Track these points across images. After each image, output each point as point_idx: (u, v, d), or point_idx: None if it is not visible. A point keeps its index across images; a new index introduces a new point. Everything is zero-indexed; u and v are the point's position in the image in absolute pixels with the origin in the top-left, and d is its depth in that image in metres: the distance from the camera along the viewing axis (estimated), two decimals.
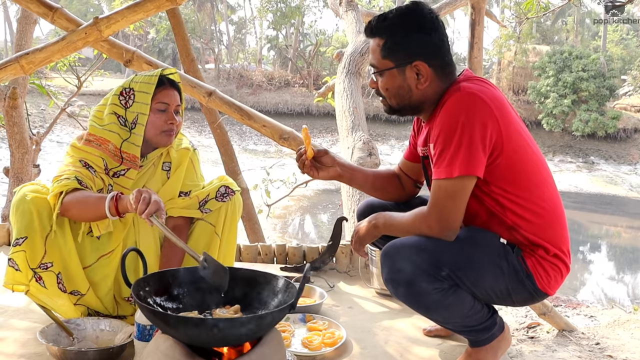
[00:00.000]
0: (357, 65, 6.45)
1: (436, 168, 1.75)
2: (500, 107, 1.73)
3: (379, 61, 1.86)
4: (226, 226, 2.23)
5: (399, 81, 1.84)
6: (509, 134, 1.73)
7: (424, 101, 1.86)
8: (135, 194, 1.75)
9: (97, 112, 2.14)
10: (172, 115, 2.13)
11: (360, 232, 2.02)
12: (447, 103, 1.73)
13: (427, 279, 1.74)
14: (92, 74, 5.94)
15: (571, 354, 2.97)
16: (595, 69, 22.99)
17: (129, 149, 2.10)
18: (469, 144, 1.68)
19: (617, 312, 5.78)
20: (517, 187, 1.77)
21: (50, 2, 2.86)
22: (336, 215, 14.05)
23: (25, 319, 2.24)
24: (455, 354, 2.13)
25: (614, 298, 8.58)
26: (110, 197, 1.83)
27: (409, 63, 1.81)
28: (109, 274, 2.15)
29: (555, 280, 1.85)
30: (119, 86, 2.13)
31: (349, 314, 2.52)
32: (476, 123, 1.68)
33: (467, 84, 1.76)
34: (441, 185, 1.74)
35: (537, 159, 1.83)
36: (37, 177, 5.38)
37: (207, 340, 1.40)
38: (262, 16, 33.31)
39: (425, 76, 1.81)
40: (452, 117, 1.70)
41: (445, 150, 1.71)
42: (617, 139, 23.51)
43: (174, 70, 2.22)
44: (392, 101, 1.90)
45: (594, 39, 38.05)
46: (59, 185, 1.94)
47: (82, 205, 1.92)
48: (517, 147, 1.75)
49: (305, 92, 27.92)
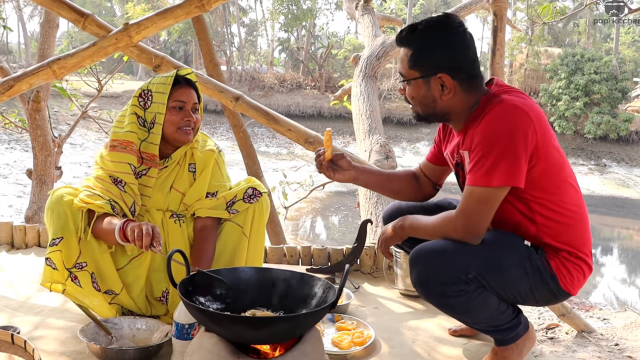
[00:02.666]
0: (374, 69, 6.50)
1: (471, 174, 1.80)
2: (538, 118, 1.77)
3: (406, 70, 1.91)
4: (254, 227, 2.28)
5: (424, 91, 1.90)
6: (545, 143, 1.78)
7: (449, 111, 1.92)
8: (129, 232, 1.91)
9: (120, 118, 2.22)
10: (189, 112, 2.18)
11: (386, 234, 2.08)
12: (490, 114, 1.78)
13: (455, 282, 1.80)
14: (112, 77, 6.02)
15: (591, 354, 3.00)
16: (608, 72, 22.86)
17: (147, 148, 2.17)
18: (514, 156, 1.73)
19: (630, 314, 5.78)
20: (547, 192, 1.82)
21: (81, 9, 2.93)
22: (348, 217, 14.09)
23: (62, 318, 2.31)
24: (481, 353, 2.18)
25: (627, 301, 8.56)
26: (118, 228, 1.96)
27: (433, 74, 1.86)
28: (140, 275, 2.21)
29: (578, 281, 1.90)
30: (139, 89, 2.20)
31: (375, 314, 2.57)
32: (520, 135, 1.73)
33: (509, 97, 1.80)
34: (475, 191, 1.79)
35: (564, 164, 1.87)
36: (60, 179, 5.49)
37: (253, 337, 1.46)
38: (274, 18, 33.39)
39: (449, 88, 1.86)
40: (495, 128, 1.75)
41: (484, 158, 1.75)
42: (629, 142, 23.37)
43: (190, 70, 2.29)
44: (418, 109, 1.96)
45: (605, 42, 37.88)
46: (94, 205, 2.06)
47: (105, 234, 2.06)
48: (549, 155, 1.80)
49: (317, 95, 27.97)
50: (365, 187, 2.31)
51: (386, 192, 2.31)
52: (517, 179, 1.75)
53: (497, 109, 1.77)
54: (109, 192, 2.10)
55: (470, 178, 1.81)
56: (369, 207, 5.50)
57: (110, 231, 2.00)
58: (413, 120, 2.18)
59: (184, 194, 2.24)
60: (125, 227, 1.95)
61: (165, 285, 2.24)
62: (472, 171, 1.80)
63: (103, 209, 2.06)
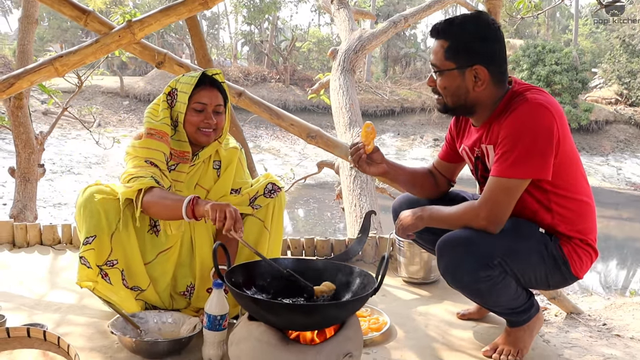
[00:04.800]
0: (352, 63, 6.57)
1: (497, 166, 1.90)
2: (560, 115, 1.89)
3: (441, 62, 1.98)
4: (274, 221, 2.34)
5: (458, 82, 1.98)
6: (565, 138, 1.90)
7: (477, 103, 2.00)
8: (211, 210, 1.82)
9: (152, 110, 2.22)
10: (209, 114, 2.19)
11: (404, 223, 2.17)
12: (517, 110, 1.88)
13: (482, 269, 1.90)
14: (92, 74, 5.96)
15: (582, 334, 3.16)
16: (568, 63, 23.46)
17: (174, 145, 2.20)
18: (540, 150, 1.84)
19: (595, 298, 6.03)
20: (565, 183, 1.95)
21: (83, 6, 2.92)
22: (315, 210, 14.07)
23: (82, 315, 2.33)
24: (490, 334, 2.30)
25: (589, 286, 8.86)
26: (188, 201, 1.89)
27: (469, 66, 1.94)
28: (167, 270, 2.25)
29: (587, 266, 2.04)
30: (168, 86, 2.23)
31: (384, 301, 2.66)
32: (545, 131, 1.84)
33: (533, 95, 1.91)
34: (500, 182, 1.89)
35: (577, 156, 2.00)
36: (42, 177, 5.41)
37: (303, 323, 1.53)
38: (237, 11, 33.13)
39: (482, 80, 1.95)
40: (522, 123, 1.85)
41: (510, 151, 1.86)
42: (589, 131, 24.04)
43: (218, 70, 2.28)
44: (448, 99, 2.03)
45: (564, 33, 38.79)
46: (138, 183, 2.02)
47: (160, 205, 1.99)
48: (567, 149, 1.92)
49: (282, 88, 27.92)
50: (393, 181, 2.37)
51: (410, 187, 2.37)
52: (543, 171, 1.86)
53: (524, 106, 1.87)
54: (151, 171, 2.09)
55: (495, 169, 1.91)
56: (353, 198, 5.59)
57: (170, 203, 1.95)
58: (436, 110, 2.24)
59: (208, 191, 2.28)
60: (195, 203, 1.90)
61: (190, 280, 2.29)
62: (497, 162, 1.90)
63: (147, 184, 2.02)
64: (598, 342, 2.96)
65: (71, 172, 15.85)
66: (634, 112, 24.94)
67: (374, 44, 6.73)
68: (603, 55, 29.05)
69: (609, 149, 23.51)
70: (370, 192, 5.59)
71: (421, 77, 29.50)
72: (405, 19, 6.69)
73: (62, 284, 2.67)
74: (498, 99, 1.99)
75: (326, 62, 30.30)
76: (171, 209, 1.95)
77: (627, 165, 21.94)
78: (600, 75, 27.39)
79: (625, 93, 25.74)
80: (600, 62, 28.13)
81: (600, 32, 37.68)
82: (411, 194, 2.42)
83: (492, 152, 1.97)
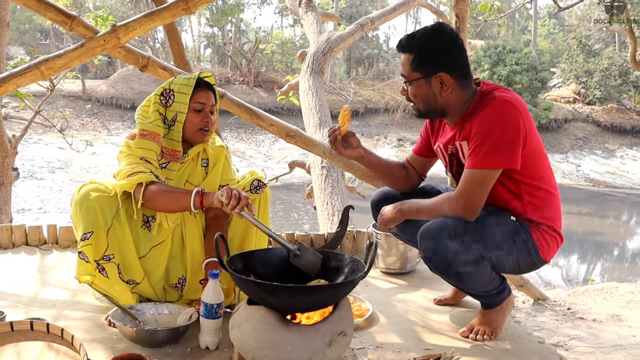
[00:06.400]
0: (320, 64, 6.71)
1: (470, 159, 2.08)
2: (524, 110, 2.08)
3: (408, 73, 2.18)
4: (260, 216, 2.45)
5: (426, 89, 2.16)
6: (531, 132, 2.09)
7: (447, 106, 2.19)
8: (226, 192, 1.98)
9: (143, 112, 2.34)
10: (207, 114, 2.34)
11: (385, 216, 2.33)
12: (486, 108, 2.06)
13: (461, 254, 2.07)
14: (63, 77, 5.97)
15: (549, 318, 3.37)
16: (528, 63, 24.09)
17: (167, 144, 2.32)
18: (508, 142, 2.02)
19: (558, 291, 6.31)
20: (534, 173, 2.14)
21: (68, 11, 3.00)
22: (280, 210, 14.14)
23: (77, 310, 2.41)
24: (465, 317, 2.48)
25: (551, 281, 9.16)
26: (196, 192, 2.05)
27: (434, 74, 2.13)
28: (160, 263, 2.37)
29: (554, 250, 2.23)
30: (160, 87, 2.34)
31: (365, 290, 2.81)
32: (513, 125, 2.02)
33: (500, 93, 2.10)
34: (474, 173, 2.07)
35: (543, 151, 2.20)
36: (16, 180, 5.41)
37: (304, 304, 1.67)
38: (200, 13, 32.95)
39: (448, 85, 2.14)
40: (491, 119, 2.04)
41: (482, 145, 2.04)
42: (549, 129, 24.67)
43: (210, 73, 2.42)
44: (420, 106, 2.22)
45: (523, 34, 39.73)
46: (138, 177, 2.13)
47: (166, 197, 2.12)
48: (533, 142, 2.11)
49: (246, 90, 27.87)
50: (368, 167, 2.52)
51: (384, 175, 2.54)
52: (513, 161, 2.05)
53: (493, 104, 2.06)
54: (149, 167, 2.21)
55: (469, 162, 2.08)
56: (325, 197, 5.75)
57: (176, 195, 2.11)
58: (414, 117, 2.44)
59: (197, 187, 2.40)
60: (203, 193, 2.05)
61: (182, 272, 2.40)
62: (470, 156, 2.08)
63: (148, 179, 2.14)
64: (564, 325, 3.17)
65: (34, 177, 15.63)
66: (592, 111, 25.74)
67: (341, 46, 6.88)
68: (561, 55, 29.87)
69: (568, 147, 24.18)
70: (341, 191, 5.75)
71: (384, 78, 29.85)
72: (371, 22, 6.88)
73: (53, 281, 2.74)
74: (468, 99, 2.17)
75: (290, 64, 30.42)
76: (177, 201, 2.09)
77: (586, 162, 22.66)
78: (558, 74, 28.19)
79: (583, 92, 26.56)
80: (559, 62, 28.91)
81: (557, 33, 38.77)
82: (384, 181, 2.58)
83: (466, 147, 2.15)
